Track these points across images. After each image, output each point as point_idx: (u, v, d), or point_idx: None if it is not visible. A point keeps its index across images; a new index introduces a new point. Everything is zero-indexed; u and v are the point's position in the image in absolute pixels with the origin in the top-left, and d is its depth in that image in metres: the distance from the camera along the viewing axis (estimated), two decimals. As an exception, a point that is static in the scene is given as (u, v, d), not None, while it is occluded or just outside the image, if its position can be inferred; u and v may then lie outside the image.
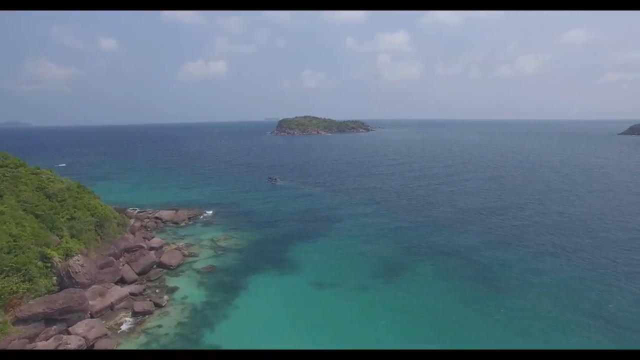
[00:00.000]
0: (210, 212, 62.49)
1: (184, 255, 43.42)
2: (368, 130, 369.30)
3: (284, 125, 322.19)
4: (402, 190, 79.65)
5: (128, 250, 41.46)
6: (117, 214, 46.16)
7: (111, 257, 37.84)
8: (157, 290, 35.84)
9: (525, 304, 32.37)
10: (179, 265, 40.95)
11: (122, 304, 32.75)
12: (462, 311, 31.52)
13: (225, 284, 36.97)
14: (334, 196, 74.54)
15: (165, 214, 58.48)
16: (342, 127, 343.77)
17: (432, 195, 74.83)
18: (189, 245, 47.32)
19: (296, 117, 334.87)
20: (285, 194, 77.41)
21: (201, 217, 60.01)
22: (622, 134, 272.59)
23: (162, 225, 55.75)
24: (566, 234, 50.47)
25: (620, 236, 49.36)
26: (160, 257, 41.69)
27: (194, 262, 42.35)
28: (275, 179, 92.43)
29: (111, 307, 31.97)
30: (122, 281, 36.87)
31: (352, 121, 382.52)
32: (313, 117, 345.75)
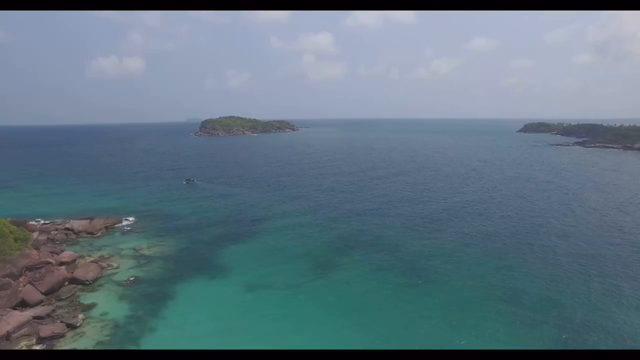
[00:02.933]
0: (131, 219, 57.72)
1: (102, 268, 39.49)
2: (294, 129, 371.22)
3: (207, 126, 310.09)
4: (327, 187, 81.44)
5: (30, 268, 36.28)
6: (15, 227, 40.32)
7: (7, 279, 32.86)
8: (69, 310, 31.93)
9: (448, 294, 34.64)
10: (96, 280, 37.14)
11: (24, 330, 28.29)
12: (392, 304, 32.97)
13: (150, 295, 34.39)
14: (261, 196, 73.66)
15: (78, 224, 52.53)
16: (268, 127, 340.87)
17: (356, 191, 77.55)
18: (107, 256, 43.18)
19: (220, 118, 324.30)
20: (210, 196, 74.64)
21: (120, 225, 55.11)
22: (519, 131, 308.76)
23: (74, 237, 50.08)
24: (481, 223, 55.74)
25: (528, 223, 56.09)
26: (72, 273, 37.36)
27: (114, 274, 38.73)
28: (193, 180, 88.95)
29: (7, 336, 27.28)
30: (22, 304, 32.10)
31: (278, 121, 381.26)
32: (238, 117, 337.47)
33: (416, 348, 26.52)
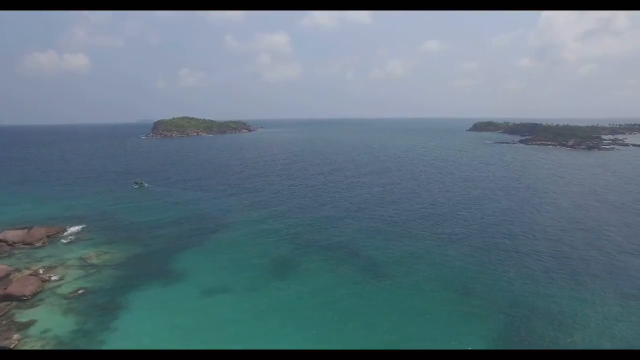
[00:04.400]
0: (77, 227, 53.75)
1: (43, 281, 36.48)
2: (250, 130, 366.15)
3: (160, 127, 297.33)
4: (285, 189, 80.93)
5: (-44, 286, 32.69)
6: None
7: None
8: (1, 331, 28.72)
9: (406, 289, 35.37)
10: (35, 294, 34.19)
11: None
12: (352, 303, 33.14)
13: (100, 307, 32.29)
14: (217, 199, 71.84)
15: (12, 234, 48.18)
16: (224, 127, 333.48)
17: (314, 193, 77.75)
18: (49, 268, 39.97)
19: (173, 118, 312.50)
20: (162, 199, 71.51)
21: (64, 233, 51.24)
22: (469, 130, 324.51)
23: (8, 248, 45.82)
24: (436, 220, 57.68)
25: (479, 217, 58.71)
26: (6, 289, 34.11)
27: (58, 287, 35.94)
28: (142, 183, 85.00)
29: None
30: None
31: (234, 121, 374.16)
32: (192, 118, 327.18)
33: (380, 345, 26.87)
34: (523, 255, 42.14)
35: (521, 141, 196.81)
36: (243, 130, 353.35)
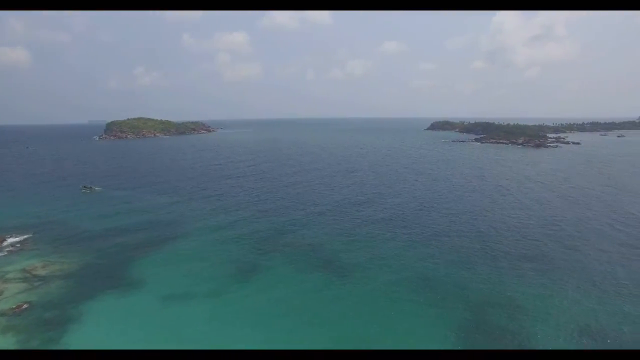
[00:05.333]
0: (20, 237, 49.56)
1: (-21, 297, 33.24)
2: (210, 131, 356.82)
3: (113, 128, 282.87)
4: (245, 189, 79.68)
5: None
6: None
7: None
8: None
9: (370, 287, 35.67)
10: (-29, 311, 31.07)
11: None
12: (318, 304, 32.94)
13: (47, 322, 30.00)
14: (175, 201, 69.31)
15: (-56, 247, 43.80)
16: (182, 128, 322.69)
17: (276, 193, 77.07)
18: (-14, 282, 36.49)
19: (128, 119, 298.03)
20: (117, 204, 67.91)
21: (4, 244, 47.18)
22: (427, 129, 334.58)
23: (-61, 262, 41.52)
24: (401, 218, 58.62)
25: (444, 214, 60.32)
26: (-62, 306, 30.81)
27: (-3, 302, 32.87)
28: (92, 187, 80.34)
29: None
30: None
31: (193, 122, 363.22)
32: (148, 118, 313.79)
33: (350, 345, 26.86)
34: (487, 250, 43.84)
35: (476, 139, 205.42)
36: (202, 131, 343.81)
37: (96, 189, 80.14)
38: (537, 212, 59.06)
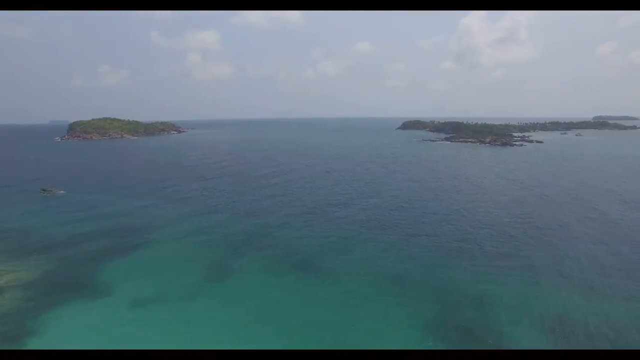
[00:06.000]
0: (-29, 244, 46.43)
1: None
2: (179, 131, 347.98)
3: (77, 129, 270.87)
4: (218, 190, 78.26)
5: None
6: None
7: None
8: None
9: (346, 287, 35.54)
10: None
11: None
12: (292, 304, 32.63)
13: (3, 335, 27.97)
14: (145, 204, 66.94)
15: None
16: (151, 129, 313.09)
17: (249, 193, 76.13)
18: None
19: (93, 120, 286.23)
20: (80, 208, 64.60)
21: (-46, 253, 43.94)
22: (398, 128, 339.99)
23: None
24: (373, 219, 58.91)
25: (419, 212, 61.10)
26: None
27: (-54, 316, 30.47)
28: (52, 190, 76.39)
29: None
30: None
31: (162, 122, 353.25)
32: (115, 119, 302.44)
33: (328, 345, 26.59)
34: (463, 248, 44.74)
35: (446, 138, 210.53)
36: (172, 132, 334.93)
37: (58, 192, 76.23)
38: (510, 209, 60.86)
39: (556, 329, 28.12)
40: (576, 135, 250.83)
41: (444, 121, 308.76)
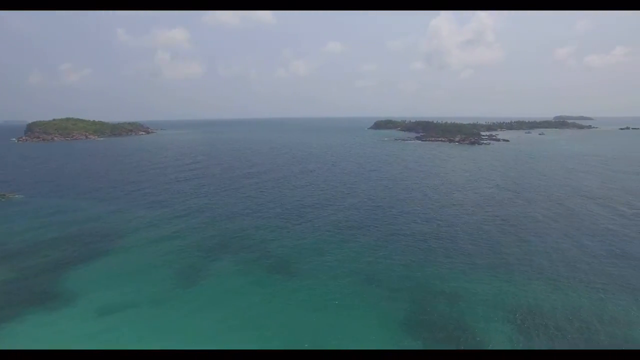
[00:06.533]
0: None
1: None
2: (148, 132, 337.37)
3: (36, 130, 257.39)
4: (188, 192, 76.51)
5: None
6: None
7: None
8: None
9: (321, 285, 35.53)
10: None
11: None
12: (267, 305, 32.11)
13: (-46, 351, 25.76)
14: (111, 208, 64.31)
15: None
16: (118, 129, 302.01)
17: (220, 194, 74.78)
18: None
19: (55, 120, 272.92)
20: (40, 214, 61.14)
21: None
22: (370, 128, 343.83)
23: None
24: (349, 219, 58.98)
25: (389, 214, 61.49)
26: None
27: None
28: (5, 195, 72.21)
29: None
30: None
31: (130, 123, 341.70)
32: (79, 119, 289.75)
33: (303, 345, 26.19)
34: (429, 241, 45.38)
35: (417, 138, 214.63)
36: (141, 133, 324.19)
37: (15, 196, 71.87)
38: (483, 206, 62.45)
39: (527, 320, 28.95)
40: (539, 134, 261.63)
41: (414, 121, 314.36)
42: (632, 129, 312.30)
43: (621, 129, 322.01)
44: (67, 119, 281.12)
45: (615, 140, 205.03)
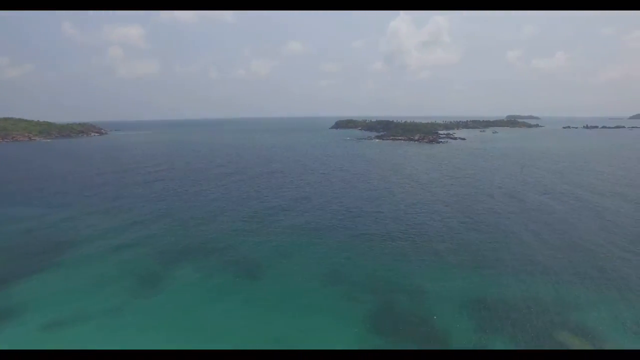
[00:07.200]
0: None
1: None
2: (102, 133, 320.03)
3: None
4: (146, 196, 73.16)
5: None
6: None
7: None
8: None
9: (287, 287, 34.90)
10: None
11: None
12: (228, 309, 31.25)
13: None
14: (63, 215, 59.91)
15: None
16: (67, 130, 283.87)
17: (182, 196, 72.31)
18: None
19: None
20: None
21: None
22: (332, 128, 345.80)
23: None
24: (315, 221, 58.62)
25: (350, 208, 61.95)
26: None
27: None
28: None
29: None
30: None
31: (80, 124, 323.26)
32: (20, 119, 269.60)
33: (267, 348, 25.46)
34: (394, 240, 45.97)
35: (377, 137, 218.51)
36: (93, 134, 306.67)
37: None
38: (447, 203, 64.21)
39: (489, 311, 29.91)
40: (493, 132, 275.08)
41: (375, 120, 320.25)
42: (572, 127, 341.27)
43: (564, 127, 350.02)
44: (5, 119, 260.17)
45: (560, 138, 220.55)
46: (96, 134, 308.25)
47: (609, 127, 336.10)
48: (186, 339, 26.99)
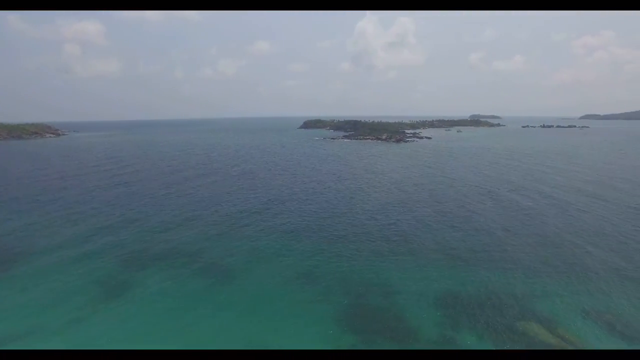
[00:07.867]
0: None
1: None
2: (58, 134, 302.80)
3: None
4: (109, 200, 69.89)
5: None
6: None
7: None
8: None
9: (259, 290, 34.45)
10: None
11: None
12: (197, 314, 30.40)
13: None
14: (16, 224, 55.97)
15: None
16: (19, 131, 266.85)
17: (150, 204, 69.52)
18: None
19: None
20: None
21: None
22: (300, 127, 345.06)
23: None
24: (278, 215, 58.26)
25: (319, 208, 61.97)
26: None
27: None
28: None
29: None
30: None
31: (34, 124, 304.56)
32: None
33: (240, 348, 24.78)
34: (369, 239, 46.26)
35: (345, 136, 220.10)
36: (48, 135, 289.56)
37: None
38: (421, 200, 65.35)
39: (455, 305, 30.67)
40: (458, 131, 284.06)
41: (343, 120, 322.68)
42: (531, 127, 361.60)
43: (523, 126, 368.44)
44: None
45: (520, 137, 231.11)
46: (52, 136, 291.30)
47: (563, 127, 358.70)
48: (158, 347, 25.90)
